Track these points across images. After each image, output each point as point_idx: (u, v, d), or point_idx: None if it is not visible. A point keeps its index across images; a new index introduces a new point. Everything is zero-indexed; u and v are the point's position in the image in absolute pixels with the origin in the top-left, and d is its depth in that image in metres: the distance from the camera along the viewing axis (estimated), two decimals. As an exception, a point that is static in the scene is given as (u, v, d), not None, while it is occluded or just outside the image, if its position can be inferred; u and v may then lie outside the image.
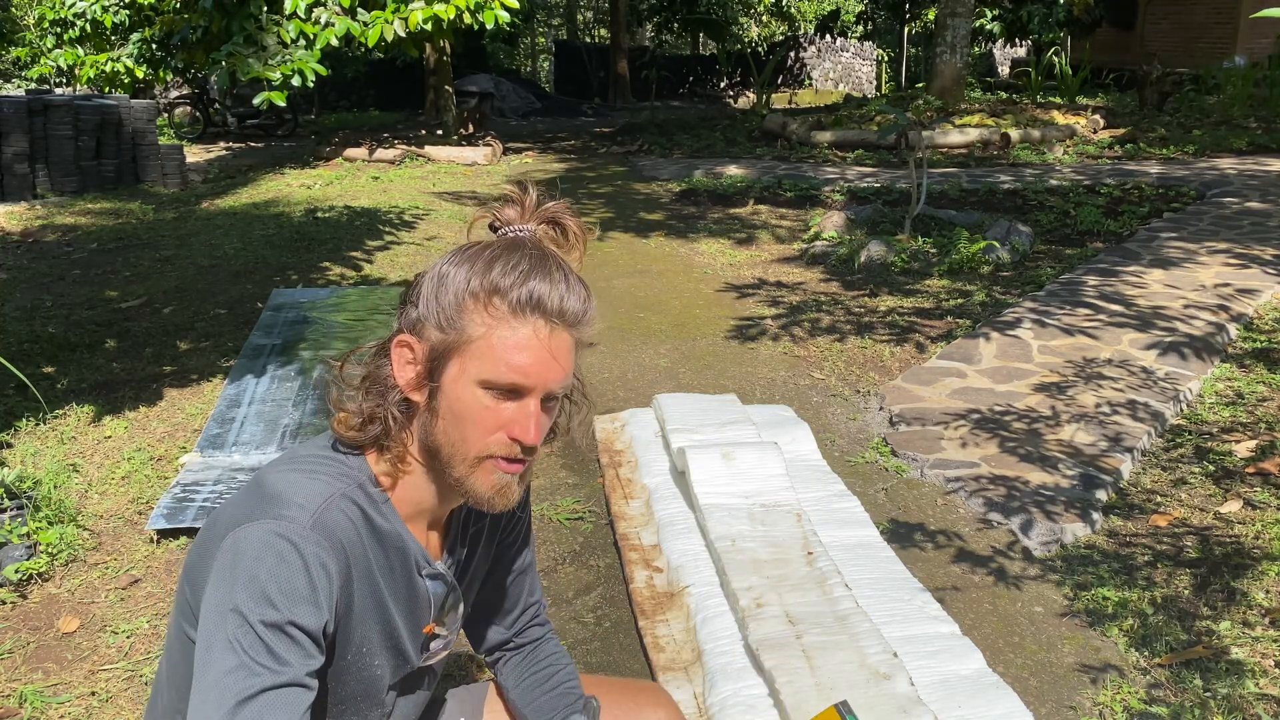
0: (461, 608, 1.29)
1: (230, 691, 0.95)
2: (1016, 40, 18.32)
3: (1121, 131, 11.23)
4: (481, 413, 1.07)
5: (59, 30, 10.76)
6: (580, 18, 31.66)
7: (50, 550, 2.62)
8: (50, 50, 10.97)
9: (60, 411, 3.64)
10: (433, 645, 1.25)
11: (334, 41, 7.25)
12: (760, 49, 25.27)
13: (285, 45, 6.98)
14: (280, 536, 1.02)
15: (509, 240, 1.11)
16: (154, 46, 10.72)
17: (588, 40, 29.50)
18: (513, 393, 1.07)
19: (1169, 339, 4.28)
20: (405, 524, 1.16)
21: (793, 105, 17.06)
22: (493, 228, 1.15)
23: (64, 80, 15.70)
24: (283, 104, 5.69)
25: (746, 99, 20.51)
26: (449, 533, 1.25)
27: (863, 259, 5.76)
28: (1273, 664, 2.14)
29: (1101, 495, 2.92)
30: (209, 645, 0.99)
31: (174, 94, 15.42)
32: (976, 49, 21.15)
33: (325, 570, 1.04)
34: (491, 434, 1.07)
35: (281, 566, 1.01)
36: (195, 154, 12.15)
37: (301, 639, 1.00)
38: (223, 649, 0.98)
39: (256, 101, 5.82)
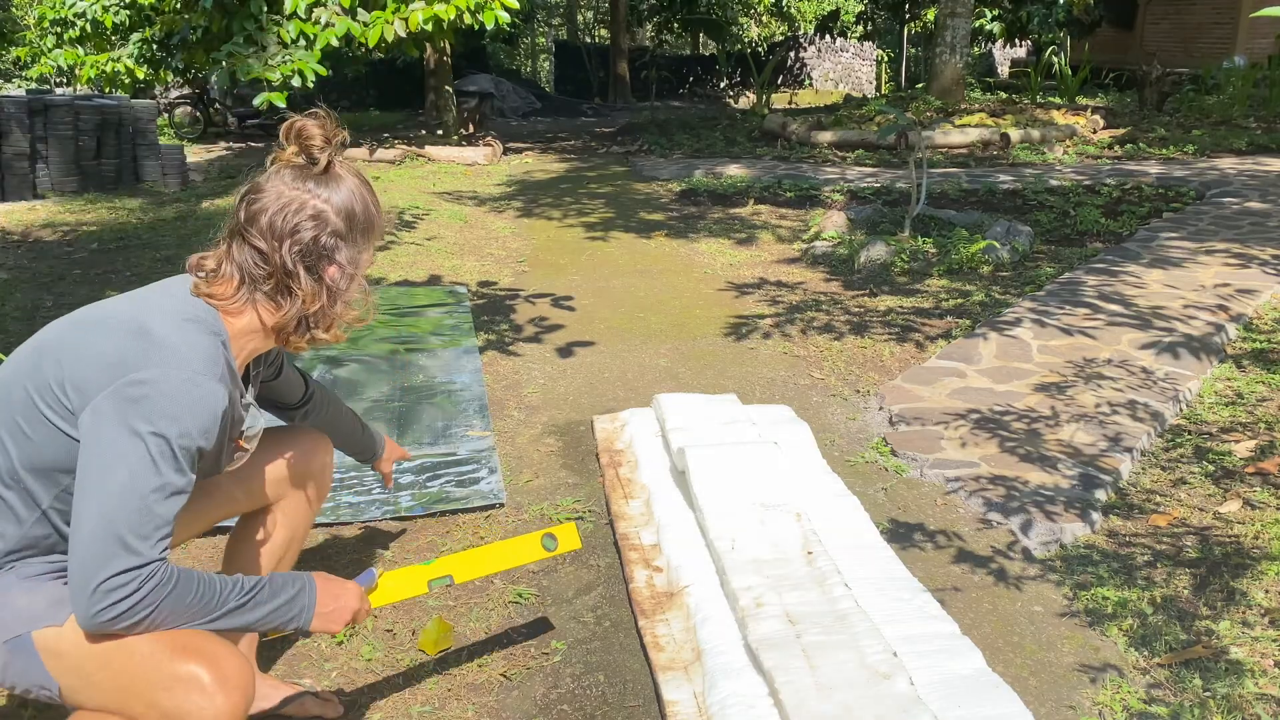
0: (262, 427, 1.73)
1: (152, 499, 1.35)
2: (1016, 40, 18.32)
3: (1121, 131, 11.24)
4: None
5: (59, 30, 10.77)
6: (580, 18, 31.66)
7: (51, 550, 2.62)
8: (50, 50, 10.97)
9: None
10: (236, 456, 1.68)
11: (334, 42, 7.24)
12: (760, 49, 25.28)
13: (285, 45, 6.98)
14: (193, 384, 1.40)
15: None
16: (154, 46, 10.72)
17: (588, 40, 29.50)
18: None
19: (1168, 339, 4.28)
20: (237, 363, 1.57)
21: (793, 105, 17.05)
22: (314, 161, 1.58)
23: (64, 80, 15.71)
24: (283, 104, 5.69)
25: (746, 99, 20.50)
26: (249, 374, 1.71)
27: (863, 259, 5.77)
28: (1272, 664, 2.15)
29: (1101, 495, 2.92)
30: (121, 456, 1.35)
31: (174, 94, 15.43)
32: (976, 49, 21.16)
33: (226, 415, 1.47)
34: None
35: (202, 409, 1.41)
36: (196, 154, 12.15)
37: (196, 460, 1.42)
38: (143, 465, 1.35)
39: (257, 102, 5.81)
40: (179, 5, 8.45)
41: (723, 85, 22.97)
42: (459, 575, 1.84)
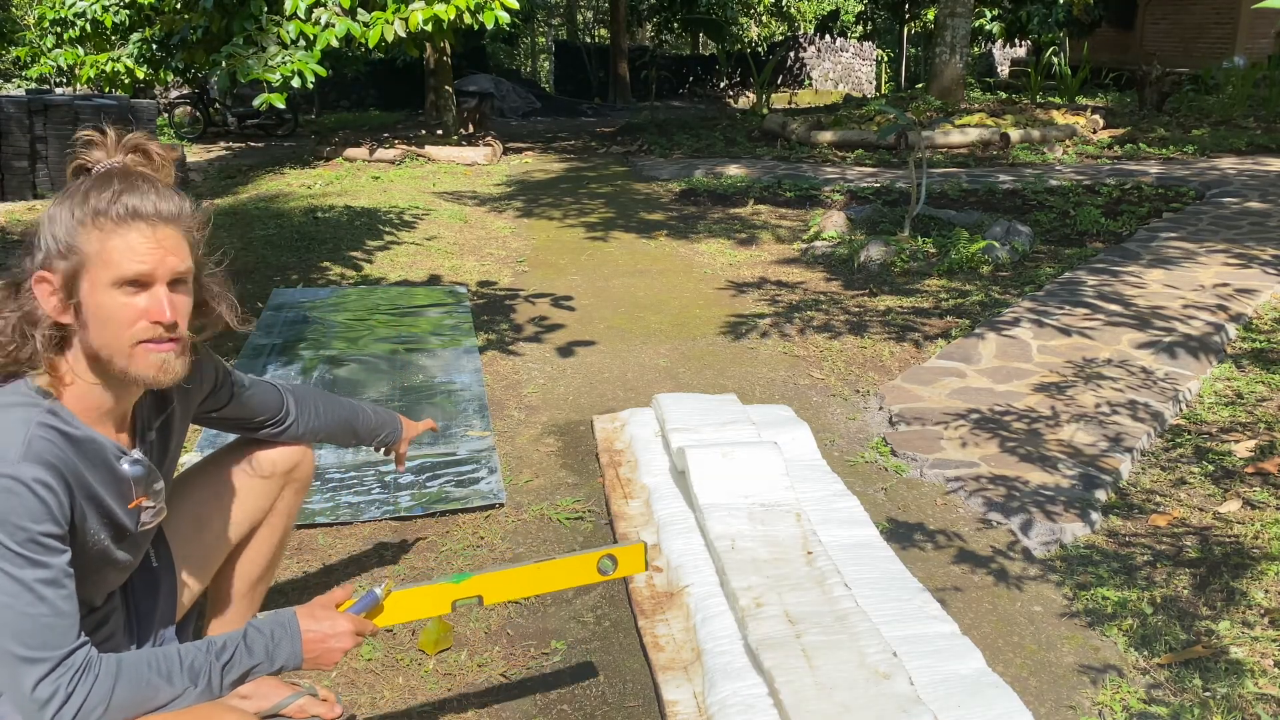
0: (161, 483, 1.57)
1: (22, 605, 1.25)
2: (1016, 40, 18.33)
3: (1121, 131, 11.24)
4: (121, 310, 1.34)
5: (59, 30, 10.77)
6: (580, 18, 31.66)
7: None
8: (50, 50, 10.97)
9: (60, 411, 3.63)
10: (144, 516, 1.53)
11: (334, 42, 7.24)
12: (760, 49, 25.28)
13: (285, 46, 6.98)
14: (3, 476, 1.27)
15: (99, 174, 1.37)
16: (154, 46, 10.72)
17: (588, 40, 29.50)
18: (140, 285, 1.34)
19: (1168, 339, 4.28)
20: (92, 427, 1.41)
21: (793, 105, 17.05)
22: (85, 169, 1.40)
23: (64, 80, 15.70)
24: (282, 105, 5.69)
25: (746, 99, 20.50)
26: (136, 424, 1.53)
27: (863, 259, 5.77)
28: (1272, 664, 2.15)
29: (1101, 495, 2.92)
30: None
31: (174, 94, 15.43)
32: (976, 49, 21.16)
33: (48, 488, 1.30)
34: (135, 324, 1.35)
35: (13, 499, 1.27)
36: (195, 154, 12.16)
37: (52, 543, 1.30)
38: None
39: (257, 103, 5.81)
40: (179, 5, 8.45)
41: (723, 85, 22.97)
42: (490, 596, 1.72)
